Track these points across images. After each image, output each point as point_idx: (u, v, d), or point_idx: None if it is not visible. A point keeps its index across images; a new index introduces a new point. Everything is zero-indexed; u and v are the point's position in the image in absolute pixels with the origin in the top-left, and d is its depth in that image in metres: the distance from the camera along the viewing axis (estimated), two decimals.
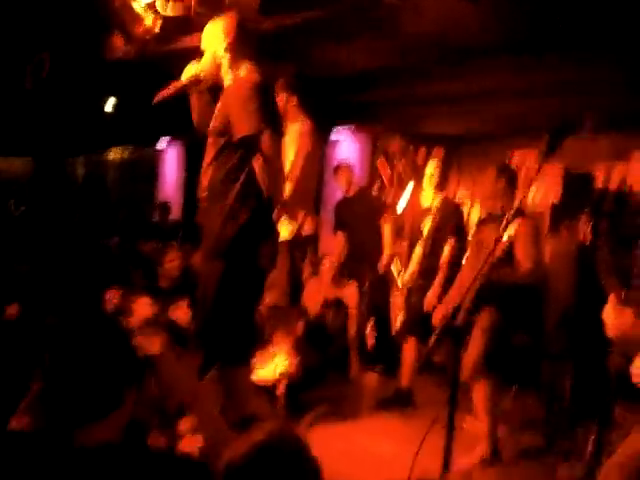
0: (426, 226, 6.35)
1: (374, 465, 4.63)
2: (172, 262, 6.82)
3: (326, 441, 4.83)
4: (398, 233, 8.60)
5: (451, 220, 6.29)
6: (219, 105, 4.08)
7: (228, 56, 4.03)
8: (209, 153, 4.09)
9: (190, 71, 4.14)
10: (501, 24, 6.31)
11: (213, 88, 4.19)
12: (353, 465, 4.42)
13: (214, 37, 4.08)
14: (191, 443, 2.60)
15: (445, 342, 5.68)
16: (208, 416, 1.89)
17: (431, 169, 6.36)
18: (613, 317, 2.89)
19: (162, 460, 1.96)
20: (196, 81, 4.12)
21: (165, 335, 3.58)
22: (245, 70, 3.99)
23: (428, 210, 6.37)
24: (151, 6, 4.97)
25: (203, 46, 4.12)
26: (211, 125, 4.08)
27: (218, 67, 4.08)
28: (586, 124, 2.30)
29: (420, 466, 2.88)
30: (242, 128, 3.79)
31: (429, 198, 6.37)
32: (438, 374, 6.40)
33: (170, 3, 4.91)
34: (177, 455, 2.11)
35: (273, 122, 3.89)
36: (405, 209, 8.76)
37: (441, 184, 6.35)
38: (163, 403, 2.62)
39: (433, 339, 2.27)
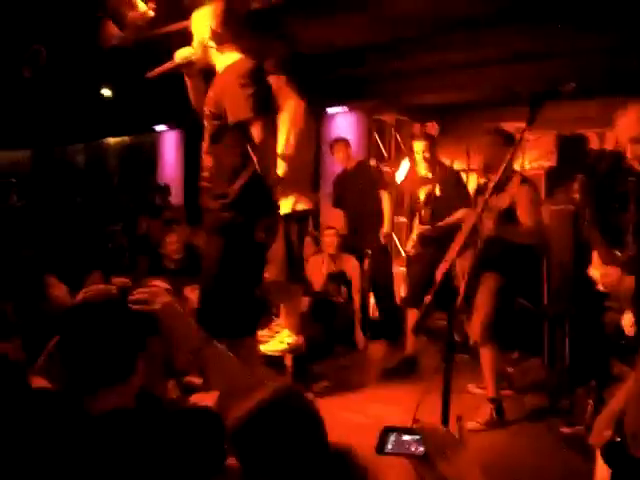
0: (422, 194, 6.46)
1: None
2: (172, 245, 6.92)
3: (334, 410, 4.94)
4: (398, 204, 8.72)
5: (455, 189, 6.41)
6: (211, 90, 4.17)
7: (214, 43, 4.11)
8: (206, 136, 4.18)
9: (183, 53, 4.21)
10: None
11: (206, 71, 4.26)
12: (360, 433, 4.52)
13: (201, 23, 4.16)
14: (203, 398, 2.68)
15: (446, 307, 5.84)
16: (219, 371, 1.95)
17: (419, 147, 6.47)
18: (599, 274, 2.99)
19: (176, 416, 2.05)
20: (188, 63, 4.18)
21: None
22: (235, 56, 4.08)
23: (425, 179, 6.48)
24: None
25: (192, 30, 4.20)
26: (205, 109, 4.17)
27: (207, 52, 4.16)
28: (568, 89, 2.36)
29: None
30: (236, 113, 3.88)
31: (424, 168, 6.48)
32: (441, 340, 6.51)
33: None
34: (190, 408, 2.19)
35: (266, 106, 3.99)
36: (403, 180, 8.87)
37: (432, 157, 6.45)
38: (170, 359, 2.71)
39: (427, 299, 2.35)
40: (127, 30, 5.08)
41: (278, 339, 5.33)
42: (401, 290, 8.29)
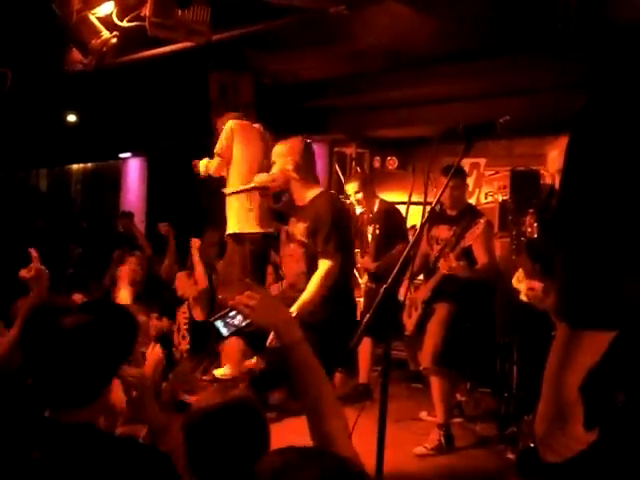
0: (369, 232, 6.64)
1: None
2: (134, 266, 6.93)
3: (286, 435, 5.00)
4: (358, 235, 8.83)
5: (393, 227, 6.59)
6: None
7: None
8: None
9: (261, 178, 4.71)
10: (448, 33, 6.56)
11: None
12: None
13: (283, 155, 4.58)
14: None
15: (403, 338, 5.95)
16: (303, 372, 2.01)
17: (350, 189, 6.72)
18: (524, 287, 3.12)
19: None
20: (264, 187, 4.72)
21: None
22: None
23: (368, 217, 6.66)
24: (108, 18, 5.13)
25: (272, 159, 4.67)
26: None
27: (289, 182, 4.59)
28: (502, 127, 2.49)
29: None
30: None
31: (361, 208, 6.74)
32: (397, 370, 6.61)
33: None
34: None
35: None
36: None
37: (367, 197, 6.62)
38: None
39: (366, 319, 2.46)
40: (90, 56, 5.16)
41: (233, 364, 5.37)
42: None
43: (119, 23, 5.17)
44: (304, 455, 1.49)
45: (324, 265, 4.41)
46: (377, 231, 6.56)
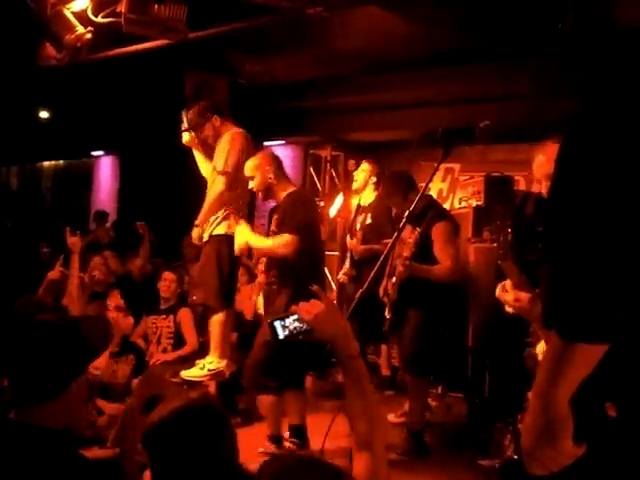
0: (358, 222, 6.64)
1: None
2: (95, 269, 6.85)
3: (256, 439, 4.99)
4: (330, 238, 8.82)
5: (386, 219, 6.58)
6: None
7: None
8: None
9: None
10: (425, 37, 6.57)
11: None
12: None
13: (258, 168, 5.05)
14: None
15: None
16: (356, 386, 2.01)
17: (366, 166, 6.71)
18: (511, 298, 3.10)
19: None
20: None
21: None
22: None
23: (361, 207, 6.68)
24: (83, 13, 5.07)
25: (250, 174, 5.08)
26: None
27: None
28: (481, 132, 2.48)
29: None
30: None
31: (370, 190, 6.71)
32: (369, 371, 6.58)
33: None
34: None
35: None
36: (336, 214, 9.01)
37: (376, 184, 6.66)
38: None
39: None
40: (64, 52, 5.08)
41: (199, 365, 5.32)
42: None
43: (94, 19, 5.10)
44: (305, 463, 1.53)
45: (282, 236, 4.93)
46: (368, 220, 6.55)
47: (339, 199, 9.32)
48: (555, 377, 1.62)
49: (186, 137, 5.70)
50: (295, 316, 2.03)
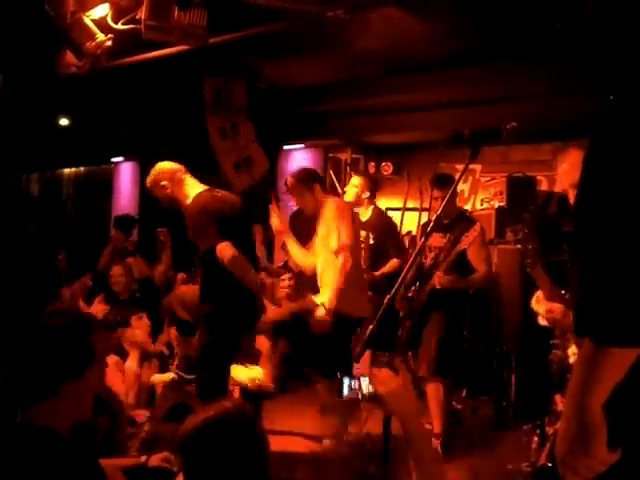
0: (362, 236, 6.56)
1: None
2: (116, 277, 6.83)
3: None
4: None
5: (389, 237, 6.54)
6: None
7: None
8: None
9: None
10: (445, 37, 6.52)
11: None
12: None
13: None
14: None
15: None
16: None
17: (356, 181, 6.70)
18: (543, 309, 3.06)
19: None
20: None
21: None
22: None
23: (361, 222, 6.54)
24: (103, 20, 5.07)
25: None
26: None
27: None
28: (509, 128, 2.45)
29: None
30: None
31: (362, 213, 6.63)
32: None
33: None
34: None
35: None
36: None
37: (369, 198, 6.58)
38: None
39: (370, 327, 2.41)
40: (85, 59, 5.09)
41: (250, 372, 5.33)
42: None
43: (114, 25, 5.10)
44: None
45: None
46: (372, 240, 6.49)
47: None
48: (588, 382, 1.58)
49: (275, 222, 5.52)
50: (367, 380, 2.01)
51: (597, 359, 1.55)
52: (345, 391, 2.03)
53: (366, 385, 2.04)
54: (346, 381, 2.02)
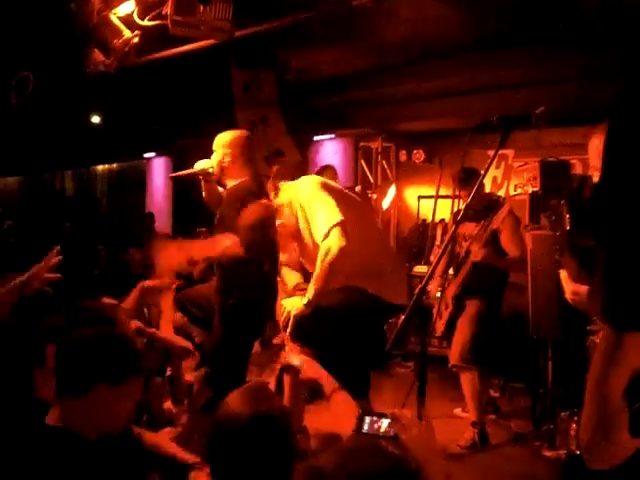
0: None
1: None
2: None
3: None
4: (384, 230, 8.76)
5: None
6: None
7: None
8: None
9: (202, 164, 4.53)
10: (473, 23, 6.46)
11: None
12: None
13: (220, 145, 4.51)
14: None
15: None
16: None
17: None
18: (569, 290, 3.03)
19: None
20: (206, 173, 4.55)
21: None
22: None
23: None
24: (129, 17, 5.09)
25: (213, 148, 4.55)
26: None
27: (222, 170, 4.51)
28: (538, 113, 2.41)
29: None
30: None
31: None
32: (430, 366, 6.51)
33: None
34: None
35: None
36: (389, 206, 8.97)
37: None
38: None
39: (403, 317, 2.40)
40: (112, 57, 5.12)
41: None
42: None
43: (140, 22, 5.12)
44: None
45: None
46: None
47: (392, 191, 9.27)
48: (608, 369, 1.57)
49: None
50: (388, 421, 1.99)
51: (616, 345, 1.53)
52: (365, 427, 2.00)
53: (385, 423, 2.00)
54: (366, 419, 1.99)
